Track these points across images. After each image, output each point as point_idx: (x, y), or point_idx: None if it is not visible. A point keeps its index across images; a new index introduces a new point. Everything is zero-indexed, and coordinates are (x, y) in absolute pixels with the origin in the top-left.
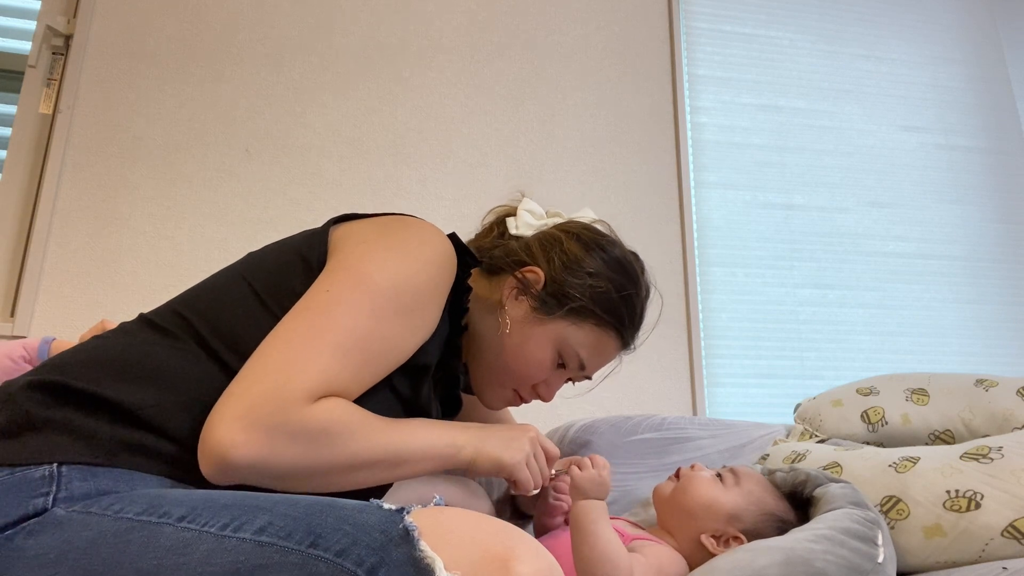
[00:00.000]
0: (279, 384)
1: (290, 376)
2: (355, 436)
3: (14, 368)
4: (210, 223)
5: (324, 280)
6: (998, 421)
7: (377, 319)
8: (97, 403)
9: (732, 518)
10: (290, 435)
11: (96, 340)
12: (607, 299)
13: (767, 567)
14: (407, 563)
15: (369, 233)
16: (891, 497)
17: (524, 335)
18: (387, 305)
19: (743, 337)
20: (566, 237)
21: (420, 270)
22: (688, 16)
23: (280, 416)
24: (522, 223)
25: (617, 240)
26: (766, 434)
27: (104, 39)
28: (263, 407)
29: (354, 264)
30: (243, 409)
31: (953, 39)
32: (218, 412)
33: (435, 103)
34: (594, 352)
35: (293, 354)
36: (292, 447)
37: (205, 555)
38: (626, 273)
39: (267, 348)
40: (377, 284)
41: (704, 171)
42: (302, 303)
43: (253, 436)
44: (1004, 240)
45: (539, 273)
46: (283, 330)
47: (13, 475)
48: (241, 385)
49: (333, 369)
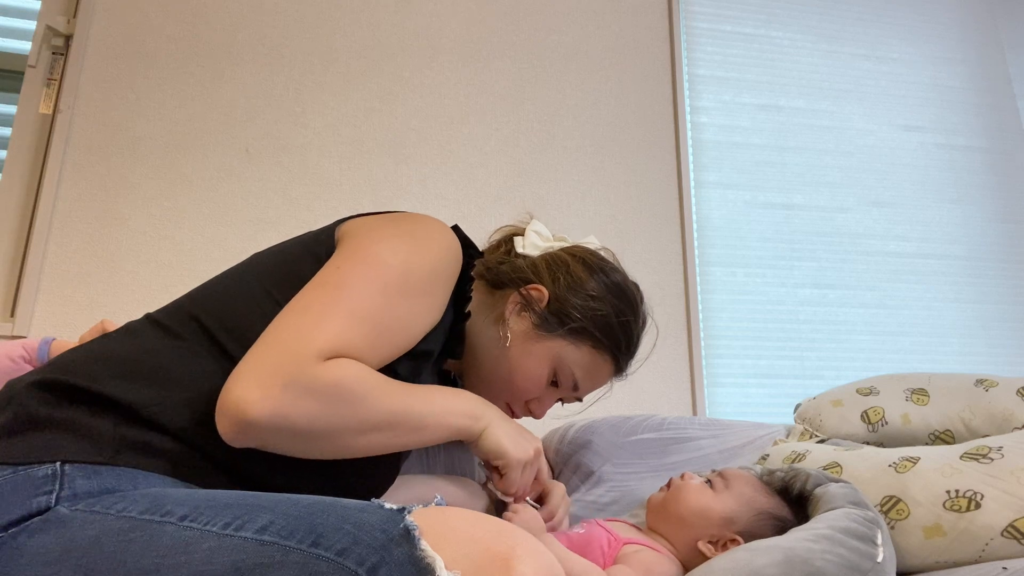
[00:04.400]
0: (295, 343)
1: (306, 336)
2: (372, 394)
3: (14, 368)
4: (210, 223)
5: (335, 259)
6: (998, 421)
7: (388, 296)
8: (100, 402)
9: (727, 522)
10: (306, 389)
11: (101, 340)
12: (606, 323)
13: (766, 567)
14: (408, 562)
15: (377, 223)
16: (891, 497)
17: (523, 350)
18: (398, 284)
19: (743, 337)
20: (572, 260)
21: (429, 257)
22: (688, 16)
23: (295, 371)
24: (529, 243)
25: (620, 268)
26: (766, 434)
27: (104, 39)
28: (279, 364)
29: (365, 246)
30: (259, 367)
31: (953, 39)
32: (234, 374)
33: (435, 103)
34: (588, 373)
35: (309, 319)
36: (308, 402)
37: (207, 554)
38: (626, 299)
39: (281, 317)
40: (388, 264)
41: (704, 171)
42: (314, 280)
43: (269, 392)
44: (1004, 240)
45: (543, 292)
46: (297, 302)
47: (16, 474)
48: (257, 349)
49: (348, 333)
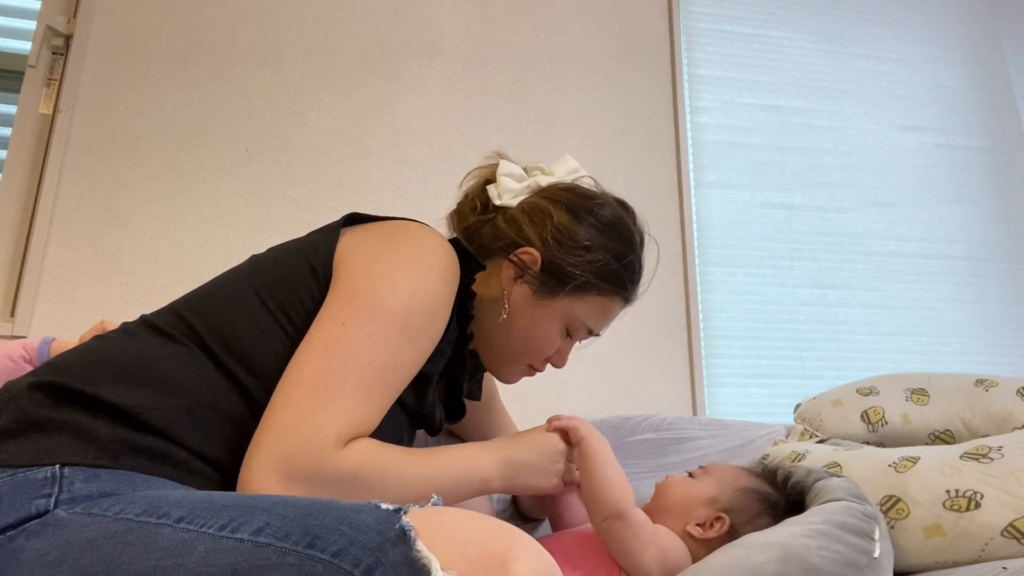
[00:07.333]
0: (310, 433)
1: (320, 423)
2: (387, 478)
3: (14, 368)
4: (210, 223)
5: (337, 308)
6: (998, 421)
7: (393, 350)
8: (99, 405)
9: (710, 501)
10: (327, 483)
11: (97, 341)
12: (607, 270)
13: (763, 564)
14: (403, 563)
15: (377, 248)
16: (891, 497)
17: (529, 318)
18: (402, 333)
19: (743, 337)
20: (554, 207)
21: (429, 288)
22: (688, 16)
23: (316, 466)
24: (504, 191)
25: (604, 196)
26: (766, 434)
27: (104, 39)
28: (298, 458)
29: (367, 291)
30: (278, 460)
31: (953, 39)
32: (254, 464)
33: (435, 103)
34: (600, 317)
35: (319, 399)
36: (329, 494)
37: (203, 556)
38: (621, 237)
39: (291, 393)
40: (391, 312)
41: (704, 171)
42: (318, 337)
43: (292, 488)
44: (1004, 240)
45: (534, 254)
46: (305, 372)
47: (15, 476)
48: (270, 434)
49: (359, 409)
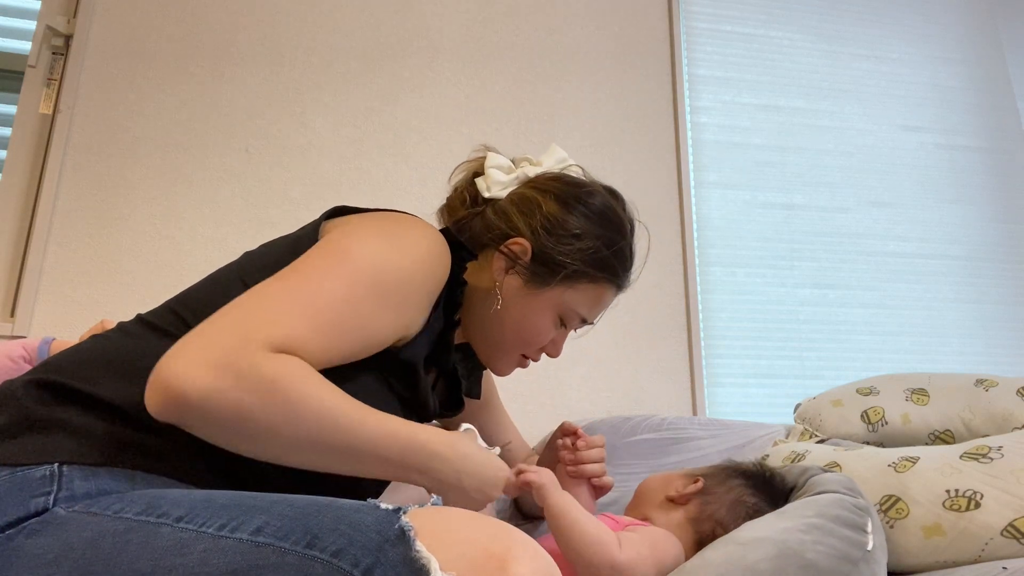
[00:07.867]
0: (244, 327)
1: (257, 322)
2: (307, 402)
3: (14, 368)
4: (210, 223)
5: (307, 251)
6: (998, 421)
7: (353, 294)
8: (97, 403)
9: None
10: (239, 375)
11: (94, 340)
12: (598, 258)
13: (759, 561)
14: (402, 563)
15: (361, 221)
16: (891, 496)
17: (522, 308)
18: (366, 284)
19: (743, 337)
20: (543, 198)
21: (406, 261)
22: (688, 16)
23: (237, 355)
24: (492, 183)
25: (593, 184)
26: (766, 434)
27: (104, 39)
28: (221, 345)
29: (337, 239)
30: (199, 345)
31: (953, 39)
32: (175, 346)
33: (435, 103)
34: (593, 306)
35: (264, 306)
36: (239, 390)
37: (202, 556)
38: (612, 224)
39: (238, 300)
40: (358, 260)
41: (704, 171)
42: (281, 271)
43: (203, 371)
44: (1004, 240)
45: (524, 244)
46: (258, 287)
47: (14, 475)
48: (204, 325)
49: (301, 329)
